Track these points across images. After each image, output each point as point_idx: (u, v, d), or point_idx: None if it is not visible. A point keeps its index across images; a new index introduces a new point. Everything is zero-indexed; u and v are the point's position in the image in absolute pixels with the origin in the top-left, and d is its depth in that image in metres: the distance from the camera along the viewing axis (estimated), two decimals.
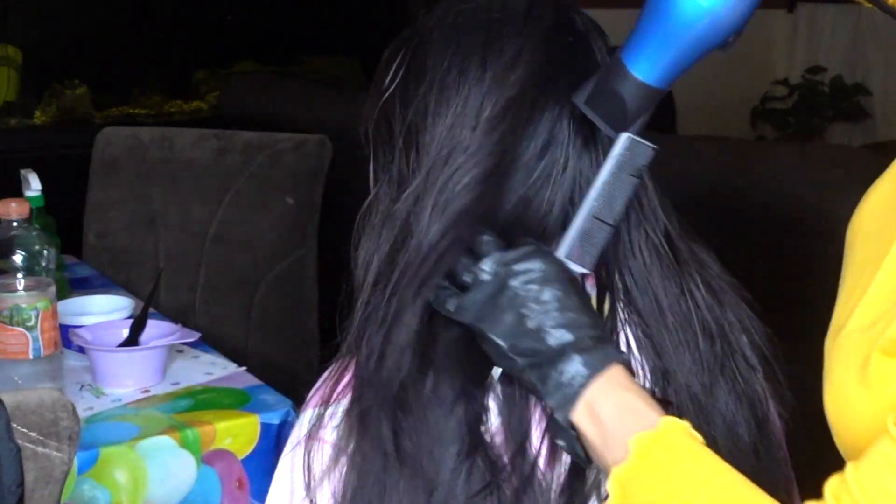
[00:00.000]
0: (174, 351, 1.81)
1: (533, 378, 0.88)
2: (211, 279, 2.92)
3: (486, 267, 0.90)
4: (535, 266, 0.89)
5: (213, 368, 1.78)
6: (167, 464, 1.53)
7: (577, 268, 0.92)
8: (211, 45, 4.92)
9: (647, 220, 0.98)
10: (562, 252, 0.92)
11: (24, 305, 1.59)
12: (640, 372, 0.95)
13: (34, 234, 1.84)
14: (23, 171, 2.10)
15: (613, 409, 0.86)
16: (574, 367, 0.87)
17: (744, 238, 2.05)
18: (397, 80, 0.99)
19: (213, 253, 2.92)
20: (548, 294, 0.88)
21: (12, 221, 1.83)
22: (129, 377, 1.70)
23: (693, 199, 1.58)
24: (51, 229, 2.01)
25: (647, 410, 0.85)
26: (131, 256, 2.90)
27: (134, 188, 2.93)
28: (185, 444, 1.54)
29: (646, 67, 0.89)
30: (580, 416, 0.87)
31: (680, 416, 0.93)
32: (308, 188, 2.91)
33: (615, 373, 0.87)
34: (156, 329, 1.78)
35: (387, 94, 0.99)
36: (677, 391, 0.95)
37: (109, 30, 4.65)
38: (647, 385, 0.95)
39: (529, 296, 0.88)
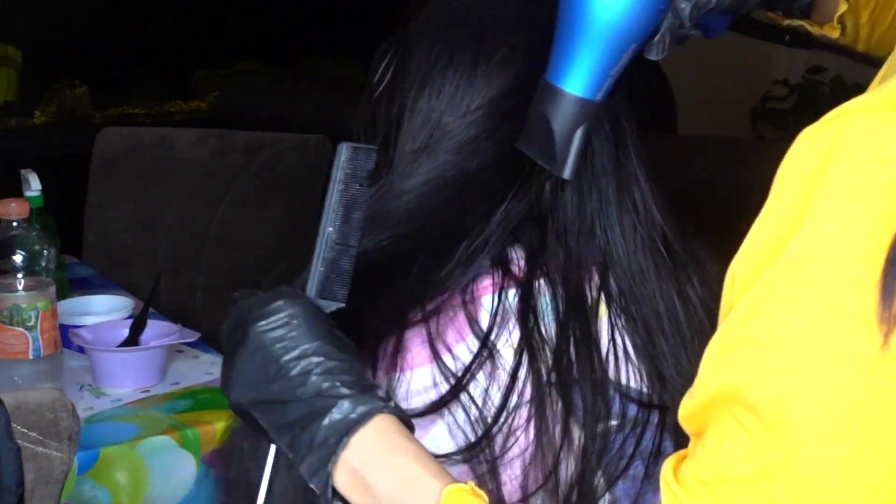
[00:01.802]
0: (174, 351, 1.81)
1: (283, 444, 0.79)
2: (211, 279, 2.92)
3: (227, 325, 0.83)
4: (278, 313, 0.81)
5: (213, 368, 1.78)
6: (167, 464, 1.53)
7: (329, 304, 0.85)
8: (211, 45, 4.91)
9: (643, 224, 0.97)
10: (311, 292, 0.85)
11: (24, 305, 1.59)
12: (637, 377, 0.94)
13: (34, 234, 1.84)
14: (23, 171, 2.10)
15: (387, 477, 0.77)
16: (328, 421, 0.77)
17: (743, 238, 2.05)
18: (386, 80, 1.00)
19: (213, 253, 2.92)
20: (293, 341, 0.80)
21: (12, 221, 1.83)
22: (129, 377, 1.70)
23: (693, 198, 1.58)
24: (51, 229, 2.00)
25: (425, 477, 0.77)
26: (131, 256, 2.90)
27: (134, 188, 2.93)
28: (185, 444, 1.54)
29: (571, 79, 0.85)
30: (344, 482, 0.78)
31: (675, 423, 0.92)
32: (308, 188, 2.91)
33: (381, 425, 0.78)
34: (156, 329, 1.78)
35: (377, 94, 1.00)
36: (674, 396, 0.94)
37: (109, 30, 4.64)
38: (644, 391, 0.94)
39: (274, 346, 0.80)
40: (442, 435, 0.90)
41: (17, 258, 1.78)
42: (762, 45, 5.44)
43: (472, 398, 0.90)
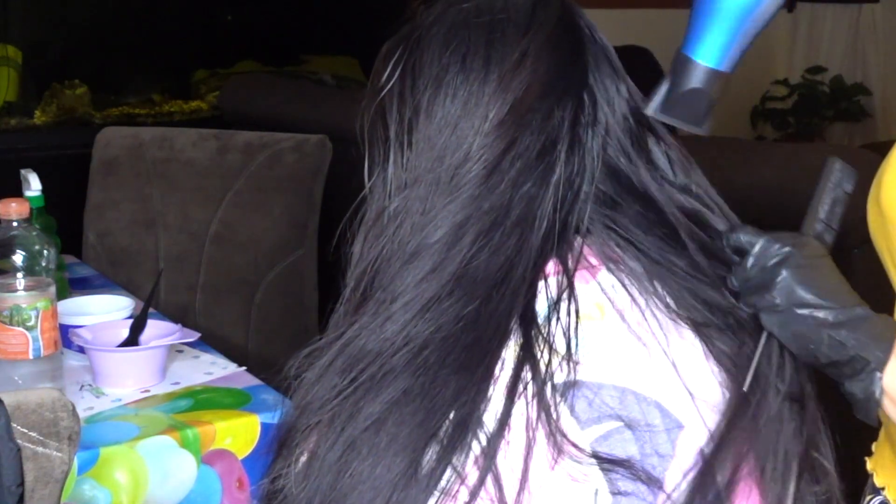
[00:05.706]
0: (174, 351, 1.81)
1: (834, 372, 0.92)
2: (211, 279, 2.92)
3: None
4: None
5: (213, 368, 1.78)
6: (167, 464, 1.53)
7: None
8: (211, 45, 4.91)
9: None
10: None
11: (24, 305, 1.59)
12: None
13: (34, 234, 1.83)
14: (23, 171, 2.10)
15: None
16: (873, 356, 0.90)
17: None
18: (395, 77, 0.99)
19: (213, 253, 2.92)
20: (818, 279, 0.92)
21: (12, 221, 1.83)
22: (129, 377, 1.70)
23: None
24: (51, 229, 2.00)
25: None
26: (131, 256, 2.90)
27: (134, 188, 2.93)
28: (185, 444, 1.54)
29: (712, 54, 0.95)
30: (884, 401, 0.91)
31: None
32: (308, 188, 2.92)
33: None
34: (156, 329, 1.78)
35: (384, 91, 1.00)
36: (670, 396, 0.94)
37: (109, 30, 4.65)
38: (641, 392, 0.94)
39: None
40: None
41: (17, 258, 1.78)
42: (762, 46, 5.45)
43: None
